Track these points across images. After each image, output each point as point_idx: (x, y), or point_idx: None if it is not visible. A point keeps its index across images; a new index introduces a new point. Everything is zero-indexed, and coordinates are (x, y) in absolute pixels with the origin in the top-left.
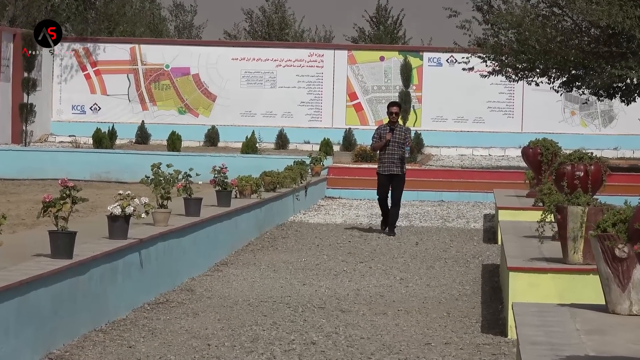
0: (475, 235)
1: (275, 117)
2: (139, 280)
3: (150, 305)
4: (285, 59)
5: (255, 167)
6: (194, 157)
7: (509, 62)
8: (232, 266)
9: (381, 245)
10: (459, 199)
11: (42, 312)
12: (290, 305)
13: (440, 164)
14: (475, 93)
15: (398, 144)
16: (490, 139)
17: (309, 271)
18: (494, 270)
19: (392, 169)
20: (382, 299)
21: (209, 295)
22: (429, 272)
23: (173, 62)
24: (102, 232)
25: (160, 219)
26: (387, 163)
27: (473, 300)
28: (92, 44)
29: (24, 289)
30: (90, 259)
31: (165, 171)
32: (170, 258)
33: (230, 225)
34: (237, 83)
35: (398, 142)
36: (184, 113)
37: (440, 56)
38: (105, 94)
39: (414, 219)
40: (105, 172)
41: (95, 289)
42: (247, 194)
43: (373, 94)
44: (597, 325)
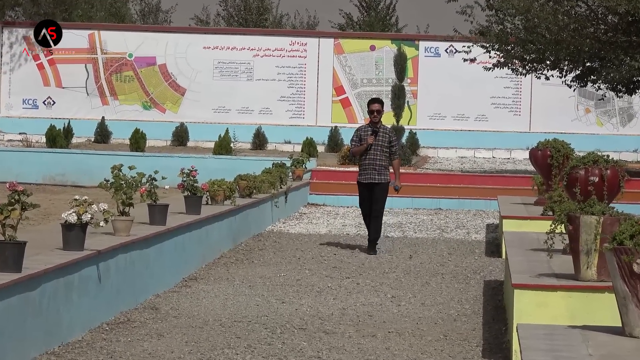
0: (476, 247)
1: (252, 113)
2: (96, 297)
3: (110, 326)
4: (264, 48)
5: (229, 169)
6: (159, 158)
7: (515, 52)
8: (202, 281)
9: (370, 259)
10: (458, 206)
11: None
12: (267, 326)
13: (437, 167)
14: (478, 88)
15: (381, 148)
16: (494, 139)
17: (288, 287)
18: (498, 287)
19: (372, 177)
20: (371, 319)
21: (175, 314)
22: (424, 289)
23: (137, 51)
24: (56, 242)
25: (121, 227)
26: (368, 170)
27: (473, 321)
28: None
29: None
30: (41, 272)
31: (127, 174)
32: (132, 272)
33: (200, 235)
34: (209, 75)
35: (382, 145)
36: (149, 108)
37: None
38: (61, 86)
39: (407, 229)
40: (59, 174)
41: (48, 307)
42: (220, 200)
43: (362, 88)
44: (612, 349)
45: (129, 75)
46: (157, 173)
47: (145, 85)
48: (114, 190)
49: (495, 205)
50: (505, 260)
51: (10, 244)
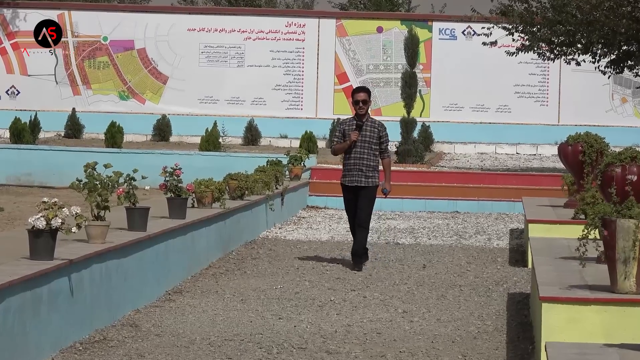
0: (499, 255)
1: (243, 104)
2: (68, 312)
3: (83, 345)
4: (256, 30)
5: (217, 168)
6: (139, 155)
7: (542, 34)
8: (187, 295)
9: (379, 269)
10: (478, 209)
11: None
12: (262, 345)
13: (454, 164)
14: (499, 75)
15: (369, 145)
16: (518, 133)
17: (286, 301)
18: (523, 300)
19: (358, 179)
20: (380, 337)
21: (158, 332)
22: (440, 303)
23: (113, 34)
24: (22, 250)
25: (95, 234)
26: (353, 171)
27: (496, 339)
28: (8, 9)
29: None
30: (6, 285)
31: (102, 173)
32: (108, 284)
33: (185, 242)
34: (194, 61)
35: (369, 142)
36: (127, 99)
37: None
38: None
39: (420, 235)
40: (25, 173)
41: (12, 324)
42: (208, 203)
43: (368, 75)
44: None
45: (104, 61)
46: (136, 172)
47: (122, 73)
48: (87, 192)
49: (519, 207)
50: (532, 270)
51: None
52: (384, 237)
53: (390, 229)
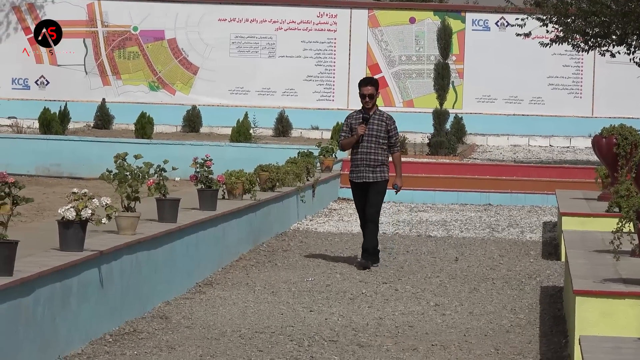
0: (531, 249)
1: (274, 95)
2: (98, 304)
3: (113, 337)
4: (288, 21)
5: (248, 159)
6: (169, 146)
7: (576, 26)
8: (218, 287)
9: (410, 262)
10: (511, 202)
11: None
12: (293, 338)
13: (487, 157)
14: (533, 66)
15: (376, 140)
16: (551, 125)
17: (317, 294)
18: (556, 294)
19: (366, 175)
20: (412, 330)
21: (188, 324)
22: (472, 297)
23: (143, 24)
24: (52, 242)
25: (126, 225)
26: (360, 166)
27: (529, 333)
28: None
29: None
30: (35, 276)
31: (132, 164)
32: (138, 276)
33: (216, 234)
34: (225, 51)
35: (377, 136)
36: (157, 89)
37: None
38: (56, 64)
39: (452, 228)
40: (55, 164)
41: (43, 315)
42: (238, 194)
43: (401, 66)
44: None
45: (134, 52)
46: (166, 163)
47: (152, 63)
48: (117, 183)
49: (553, 200)
50: (565, 263)
51: (0, 243)
52: (416, 229)
53: (422, 221)
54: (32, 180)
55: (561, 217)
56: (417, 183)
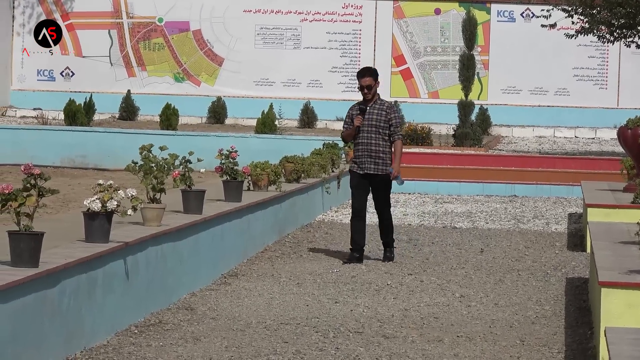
0: (557, 240)
1: (299, 86)
2: (124, 295)
3: (139, 328)
4: (313, 12)
5: (273, 150)
6: (194, 138)
7: (601, 17)
8: (243, 278)
9: (436, 253)
10: (536, 193)
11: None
12: (318, 329)
13: (512, 148)
14: (558, 57)
15: (376, 130)
16: (576, 116)
17: (342, 285)
18: (582, 285)
19: (368, 166)
20: (437, 321)
21: (213, 315)
22: (498, 288)
23: (168, 15)
24: (77, 233)
25: (151, 217)
26: (362, 157)
27: (554, 324)
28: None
29: None
30: (61, 267)
31: (157, 155)
32: (164, 267)
33: (241, 225)
34: (250, 42)
35: (376, 126)
36: (182, 80)
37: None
38: (81, 55)
39: (478, 219)
40: (80, 155)
41: (68, 307)
42: (263, 186)
43: (426, 58)
44: None
45: (159, 43)
46: (191, 154)
47: (178, 54)
48: (142, 174)
49: (578, 191)
50: (591, 254)
51: (26, 235)
52: (441, 221)
53: (447, 212)
54: (58, 171)
55: (586, 208)
56: (442, 174)
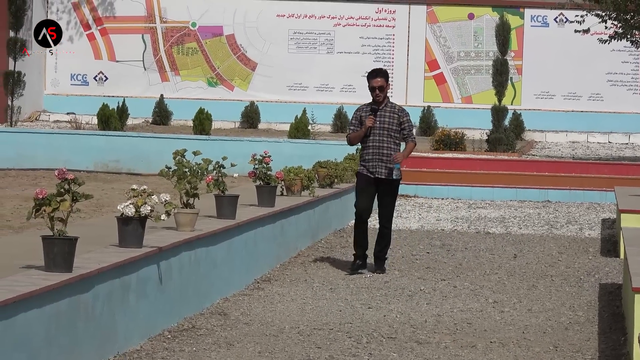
0: (590, 246)
1: (332, 91)
2: (157, 300)
3: (172, 333)
4: (346, 17)
5: (306, 155)
6: (227, 143)
7: (635, 22)
8: (276, 283)
9: (469, 259)
10: (569, 199)
11: (32, 341)
12: (351, 335)
13: (545, 153)
14: (592, 62)
15: (388, 132)
16: (610, 121)
17: (375, 291)
18: (615, 291)
19: (378, 170)
20: (470, 327)
21: (247, 320)
22: (531, 294)
23: (201, 20)
24: (111, 238)
25: (184, 222)
26: (372, 161)
27: (588, 330)
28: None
29: (9, 311)
30: (94, 272)
31: (191, 160)
32: (197, 272)
33: (274, 230)
34: (283, 47)
35: (388, 129)
36: (215, 85)
37: (546, 14)
38: (114, 60)
39: (511, 225)
40: (113, 160)
41: (101, 312)
42: (297, 191)
43: (459, 62)
44: None
45: (192, 48)
46: (225, 159)
47: (211, 59)
48: (176, 179)
49: (611, 197)
50: (624, 260)
51: (60, 239)
52: (474, 226)
53: (480, 218)
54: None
55: (620, 214)
56: (475, 180)
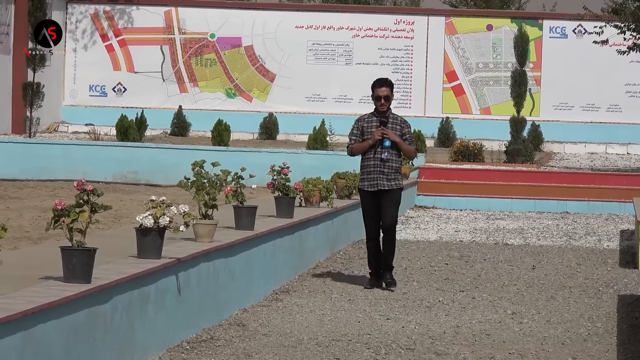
0: (609, 257)
1: (351, 102)
2: (175, 311)
3: (191, 344)
4: (365, 28)
5: (325, 166)
6: (246, 154)
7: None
8: (295, 294)
9: (487, 270)
10: (588, 210)
11: (51, 351)
12: (370, 346)
13: (564, 164)
14: (611, 74)
15: (391, 145)
16: (629, 132)
17: (394, 302)
18: (634, 303)
19: (380, 182)
20: (489, 338)
21: (265, 331)
22: (550, 305)
23: (220, 31)
24: (129, 249)
25: (203, 233)
26: (373, 173)
27: (606, 342)
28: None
29: (28, 322)
30: (113, 283)
31: (209, 171)
32: (216, 283)
33: (293, 241)
34: (302, 58)
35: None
36: (234, 96)
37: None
38: (133, 71)
39: (530, 236)
40: (132, 171)
41: (120, 323)
42: (315, 202)
43: (478, 74)
44: None
45: (211, 59)
46: (243, 170)
47: (229, 70)
48: (195, 190)
49: (630, 208)
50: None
51: (79, 250)
52: (493, 237)
53: (499, 229)
54: (110, 187)
55: (639, 225)
56: (494, 191)
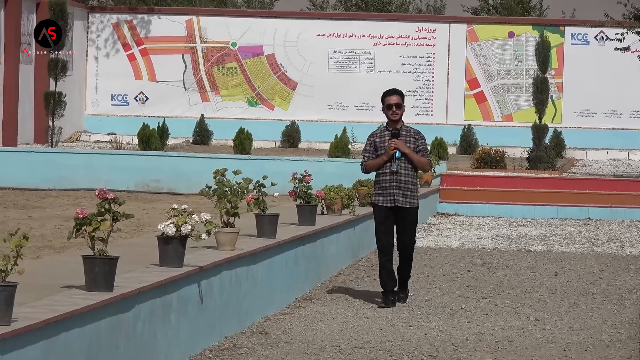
0: (632, 263)
1: (372, 110)
2: (198, 319)
3: (213, 352)
4: (386, 36)
5: (347, 174)
6: (268, 162)
7: None
8: (317, 302)
9: (510, 277)
10: (610, 216)
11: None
12: (392, 353)
13: (586, 171)
14: (632, 80)
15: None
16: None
17: (416, 309)
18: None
19: (396, 199)
20: (512, 345)
21: (287, 339)
22: (572, 311)
23: (241, 40)
24: (151, 257)
25: (225, 241)
26: (389, 189)
27: (629, 348)
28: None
29: (51, 330)
30: (135, 292)
31: (231, 180)
32: (238, 291)
33: (315, 249)
34: (323, 66)
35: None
36: (256, 105)
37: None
38: (155, 80)
39: (552, 243)
40: (154, 180)
41: (142, 331)
42: (337, 210)
43: (500, 81)
44: None
45: (233, 67)
46: (265, 179)
47: (251, 79)
48: (217, 199)
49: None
50: None
51: (101, 259)
52: (515, 244)
53: (521, 236)
54: (132, 196)
55: None
56: (516, 198)
